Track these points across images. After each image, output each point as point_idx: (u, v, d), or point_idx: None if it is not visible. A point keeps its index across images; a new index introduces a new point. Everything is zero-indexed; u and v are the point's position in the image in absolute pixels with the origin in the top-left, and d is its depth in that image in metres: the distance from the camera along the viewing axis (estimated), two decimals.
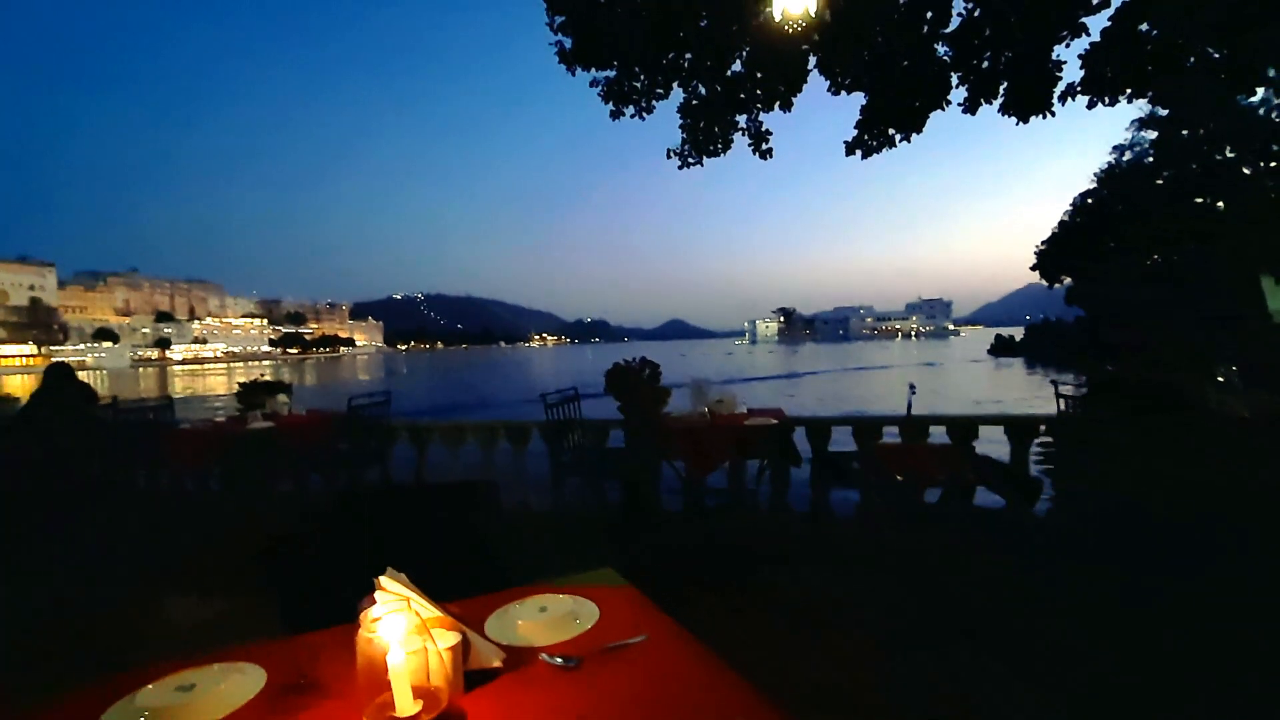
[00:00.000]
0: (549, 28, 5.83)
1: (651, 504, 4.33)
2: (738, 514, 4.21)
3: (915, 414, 3.87)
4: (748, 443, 3.61)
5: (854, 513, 4.05)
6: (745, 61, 6.19)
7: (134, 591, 3.38)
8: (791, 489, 4.32)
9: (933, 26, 5.77)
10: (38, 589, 3.44)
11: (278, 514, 4.39)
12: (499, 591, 1.23)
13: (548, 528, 4.06)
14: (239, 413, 4.76)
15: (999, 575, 2.98)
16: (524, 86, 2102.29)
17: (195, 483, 5.14)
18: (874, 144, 6.57)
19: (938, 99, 6.07)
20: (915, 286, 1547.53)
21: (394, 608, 0.82)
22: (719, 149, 6.70)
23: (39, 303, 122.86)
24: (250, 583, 3.18)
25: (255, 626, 2.70)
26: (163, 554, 3.98)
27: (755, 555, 3.44)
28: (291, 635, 1.37)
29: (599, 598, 1.15)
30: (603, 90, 6.23)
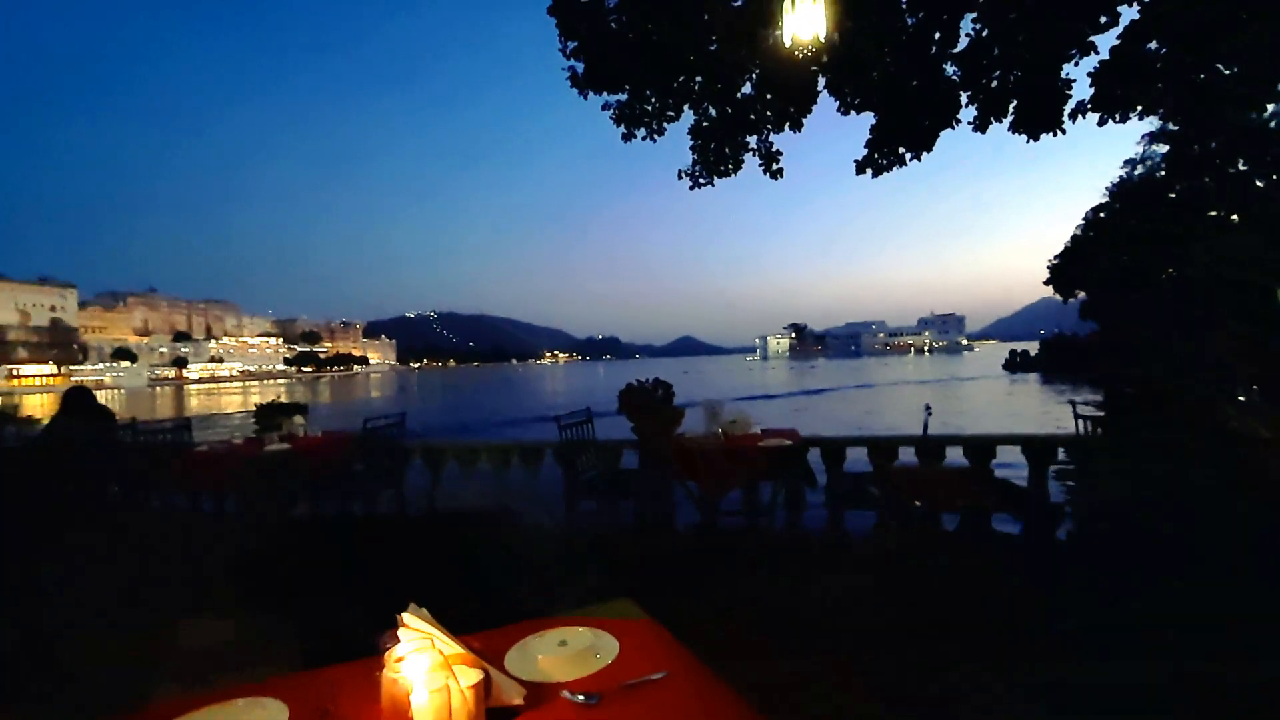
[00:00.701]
0: (561, 53, 5.93)
1: (665, 526, 4.31)
2: (752, 536, 4.17)
3: (931, 434, 3.84)
4: (762, 464, 3.59)
5: (870, 534, 4.00)
6: (755, 84, 6.26)
7: (150, 615, 3.39)
8: (807, 511, 4.28)
9: (941, 47, 5.81)
10: (52, 613, 3.47)
11: (294, 538, 4.40)
12: (517, 623, 1.23)
13: (562, 550, 4.04)
14: (256, 434, 4.80)
15: (1017, 604, 2.93)
16: (537, 107, 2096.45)
17: (213, 505, 5.18)
18: (884, 163, 6.60)
19: (947, 118, 6.10)
20: (927, 302, 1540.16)
21: (417, 646, 0.82)
22: (729, 170, 6.76)
23: (59, 323, 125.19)
24: (267, 609, 3.19)
25: (273, 655, 2.71)
26: (178, 577, 4.00)
27: (770, 579, 3.40)
28: (311, 668, 1.38)
29: (618, 631, 1.14)
30: (614, 113, 6.31)
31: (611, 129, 6.45)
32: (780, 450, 3.53)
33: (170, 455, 4.52)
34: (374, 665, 1.06)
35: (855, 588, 3.26)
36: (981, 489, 3.27)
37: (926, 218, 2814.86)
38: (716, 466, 3.60)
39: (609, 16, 5.69)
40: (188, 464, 4.27)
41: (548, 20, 5.88)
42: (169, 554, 4.64)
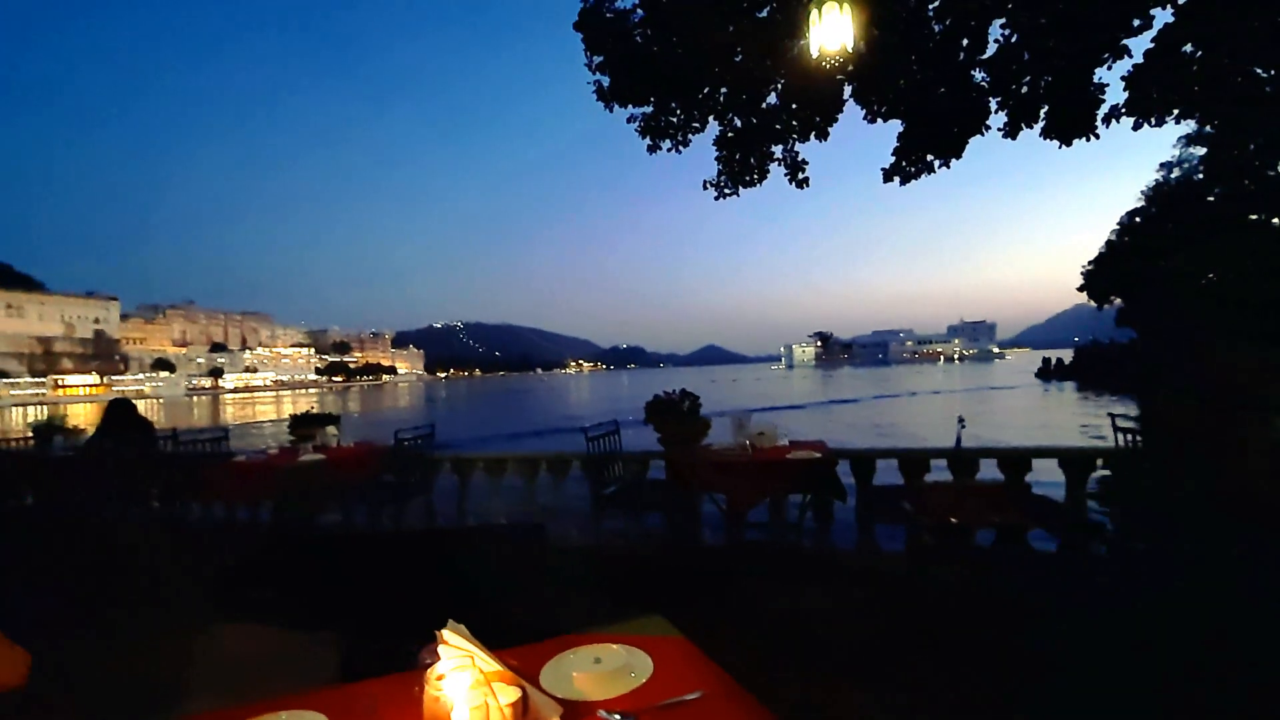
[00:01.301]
0: (587, 68, 6.01)
1: (692, 539, 4.29)
2: (780, 550, 4.13)
3: (964, 447, 3.77)
4: (790, 477, 3.56)
5: (902, 550, 3.93)
6: (780, 94, 6.26)
7: (186, 622, 3.47)
8: (836, 524, 4.23)
9: (969, 54, 5.76)
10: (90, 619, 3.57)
11: (328, 548, 4.48)
12: (551, 639, 1.24)
13: (589, 562, 4.05)
14: (290, 444, 4.91)
15: (1053, 625, 2.84)
16: (562, 120, 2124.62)
17: (248, 514, 5.31)
18: (912, 170, 6.54)
19: (977, 125, 6.03)
20: (956, 309, 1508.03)
21: (458, 664, 0.83)
22: (755, 179, 6.76)
23: (102, 335, 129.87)
24: (303, 619, 3.24)
25: (311, 666, 2.75)
26: (217, 585, 4.10)
27: (800, 595, 3.36)
28: (350, 680, 1.40)
29: (652, 649, 1.14)
30: (640, 125, 6.37)
31: (636, 140, 6.51)
32: (808, 463, 3.49)
33: (208, 465, 4.64)
34: (413, 680, 1.07)
35: (888, 605, 3.20)
36: (1016, 504, 3.19)
37: (956, 224, 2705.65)
38: (744, 479, 3.57)
39: (634, 32, 5.76)
40: (225, 474, 4.38)
41: (572, 34, 5.97)
42: (204, 562, 4.76)
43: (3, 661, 0.65)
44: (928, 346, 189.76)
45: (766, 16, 5.56)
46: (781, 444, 3.87)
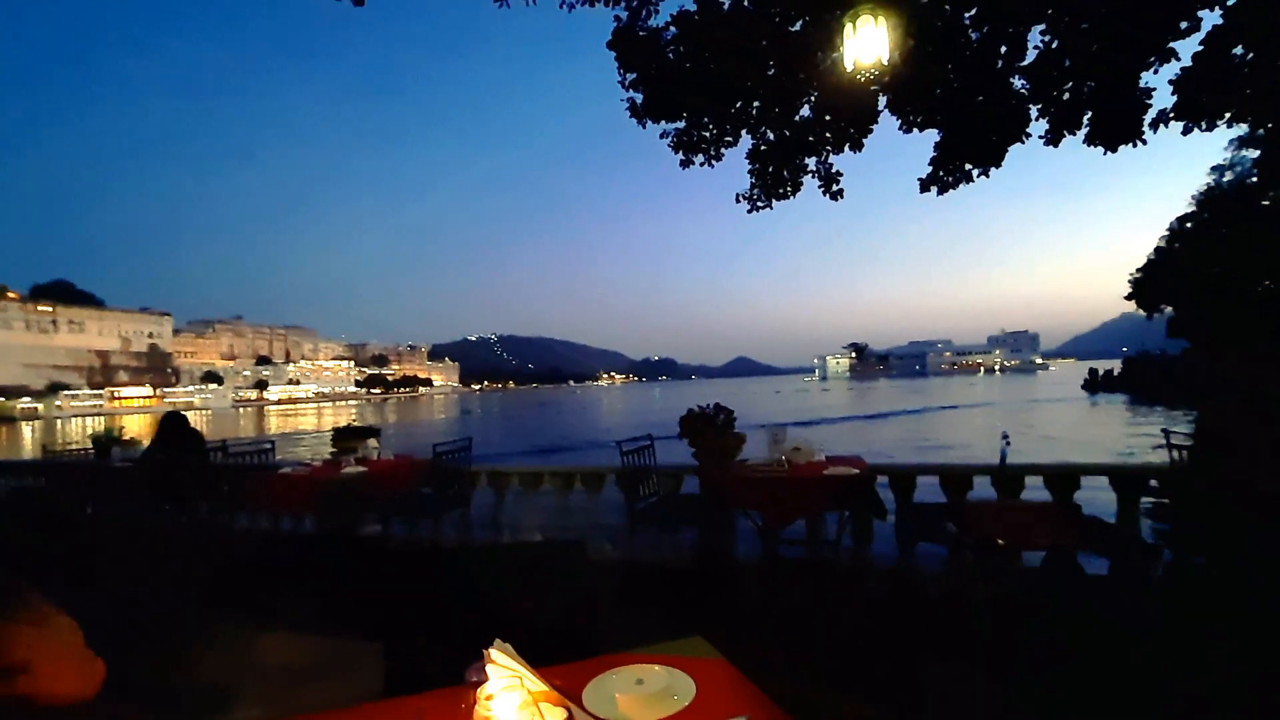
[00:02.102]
0: (620, 85, 6.08)
1: (727, 555, 4.25)
2: (817, 568, 4.06)
3: (1010, 463, 3.66)
4: (827, 493, 3.51)
5: (944, 570, 3.82)
6: (813, 106, 6.24)
7: (235, 633, 3.58)
8: (874, 542, 4.14)
9: (1008, 61, 5.66)
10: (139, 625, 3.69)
11: (369, 559, 4.57)
12: (592, 659, 1.25)
13: (624, 577, 4.04)
14: (333, 456, 5.05)
15: (1106, 652, 2.73)
16: (593, 135, 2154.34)
17: (293, 524, 5.46)
18: (950, 180, 6.44)
19: (1017, 133, 5.90)
20: (997, 319, 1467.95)
21: (507, 684, 0.85)
22: (788, 192, 6.73)
23: (156, 349, 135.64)
24: (345, 631, 3.31)
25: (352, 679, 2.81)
26: (259, 592, 4.21)
27: (839, 615, 3.30)
28: (394, 695, 1.43)
29: (694, 671, 1.14)
30: (672, 140, 6.41)
31: (666, 154, 6.56)
32: (846, 479, 3.44)
33: (255, 477, 4.79)
34: (458, 696, 1.09)
35: (930, 628, 3.12)
36: (1065, 524, 3.08)
37: (996, 233, 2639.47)
38: (779, 495, 3.53)
39: (667, 49, 5.82)
40: (271, 486, 4.52)
41: (605, 56, 6.05)
42: (250, 571, 4.89)
43: (82, 672, 0.68)
44: (967, 358, 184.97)
45: (799, 30, 5.56)
46: (818, 459, 3.82)
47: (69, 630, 0.67)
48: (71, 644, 0.66)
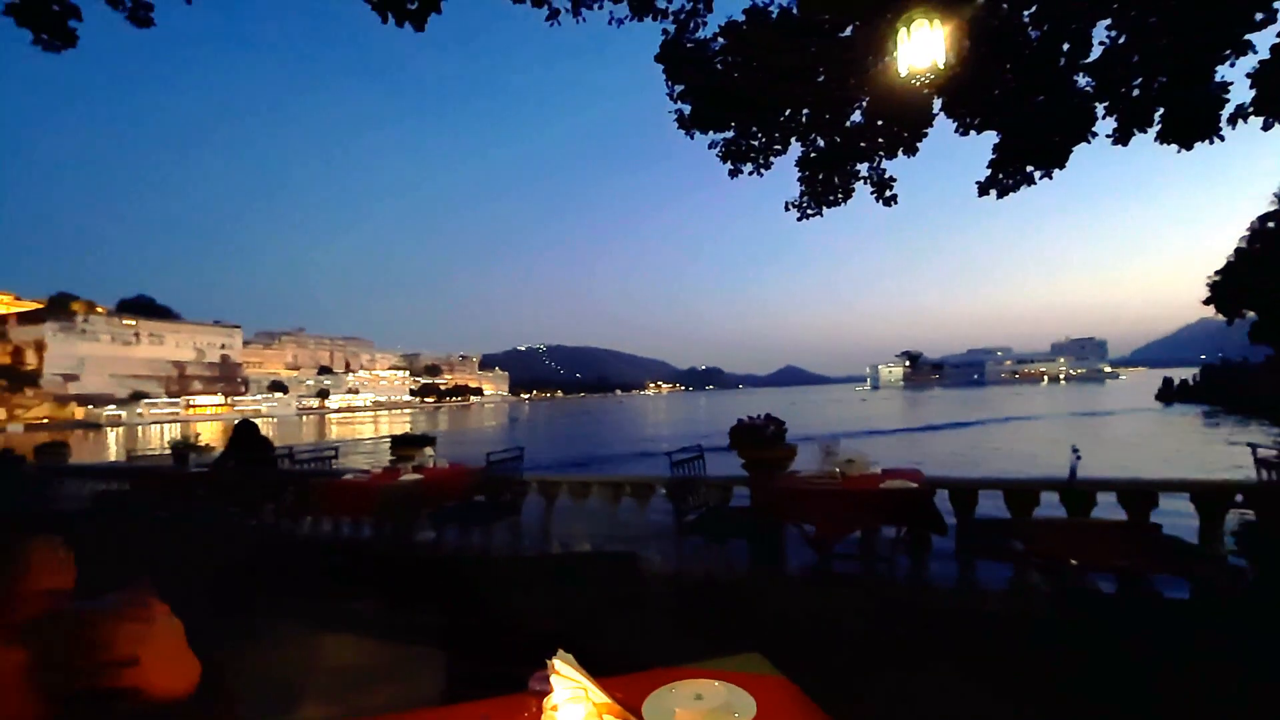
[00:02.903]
0: (669, 97, 6.12)
1: (778, 569, 4.18)
2: (872, 585, 3.95)
3: (1079, 478, 3.48)
4: (883, 507, 3.41)
5: (1008, 591, 3.66)
6: (865, 111, 6.14)
7: (295, 632, 3.71)
8: (933, 559, 4.00)
9: (1071, 58, 5.44)
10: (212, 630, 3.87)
11: (427, 568, 4.71)
12: (651, 671, 1.25)
13: (674, 589, 4.02)
14: (391, 464, 5.21)
15: (1184, 684, 2.55)
16: (640, 142, 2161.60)
17: (353, 529, 5.66)
18: (1010, 182, 6.22)
19: (1082, 132, 5.66)
20: (1061, 325, 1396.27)
21: (572, 695, 0.86)
22: (839, 199, 6.64)
23: (227, 359, 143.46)
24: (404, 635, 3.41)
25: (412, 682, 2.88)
26: (323, 596, 4.37)
27: (897, 635, 3.20)
28: (453, 700, 1.46)
29: (754, 688, 1.12)
30: (720, 151, 6.41)
31: (710, 162, 6.57)
32: (904, 493, 3.33)
33: (319, 483, 4.99)
34: (520, 704, 1.11)
35: (996, 651, 2.99)
36: (1142, 545, 2.89)
37: (1059, 236, 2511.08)
38: (833, 509, 3.46)
39: (715, 60, 5.83)
40: (334, 492, 4.70)
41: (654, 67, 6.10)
42: (314, 574, 5.09)
43: (183, 670, 0.71)
44: (1028, 366, 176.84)
45: (849, 36, 5.49)
46: (873, 472, 3.73)
47: (175, 630, 0.71)
48: (176, 643, 0.70)
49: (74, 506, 7.21)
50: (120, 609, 0.66)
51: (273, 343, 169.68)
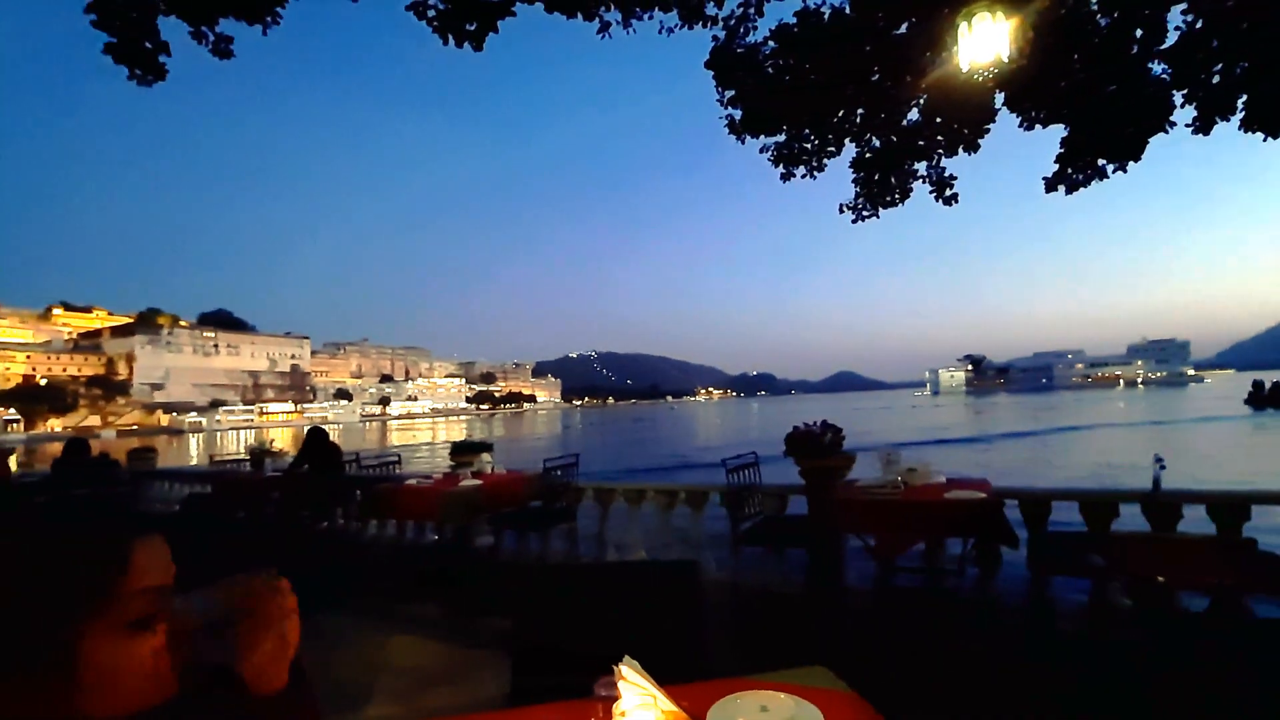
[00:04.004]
0: (719, 103, 6.11)
1: (836, 580, 4.09)
2: (938, 599, 3.81)
3: (1164, 489, 3.27)
4: (949, 518, 3.28)
5: (1085, 609, 3.47)
6: (922, 109, 5.98)
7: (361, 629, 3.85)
8: (1002, 574, 3.83)
9: (1144, 45, 5.16)
10: None
11: (488, 573, 4.83)
12: (712, 681, 1.24)
13: (729, 598, 3.99)
14: (451, 470, 5.37)
15: None
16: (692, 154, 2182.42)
17: (416, 532, 5.84)
18: (1080, 178, 5.95)
19: (1158, 122, 5.35)
20: (1137, 326, 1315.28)
21: (641, 702, 0.86)
22: (896, 199, 6.48)
23: (297, 369, 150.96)
24: (470, 639, 3.50)
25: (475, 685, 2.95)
26: (387, 596, 4.53)
27: (967, 651, 3.08)
28: (517, 705, 1.49)
29: (821, 702, 1.11)
30: (772, 154, 6.35)
31: (760, 165, 6.51)
32: (971, 503, 3.20)
33: (384, 488, 5.18)
34: (586, 709, 1.12)
35: (1075, 672, 2.83)
36: (1235, 561, 2.69)
37: (1134, 233, 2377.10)
38: (895, 519, 3.36)
39: (765, 63, 5.79)
40: (398, 496, 4.86)
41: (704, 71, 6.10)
42: (382, 576, 5.28)
43: (278, 663, 0.74)
44: (1102, 370, 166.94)
45: (905, 33, 5.36)
46: (937, 481, 3.60)
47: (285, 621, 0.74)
48: (282, 634, 0.73)
49: (164, 509, 7.71)
50: (248, 596, 0.70)
51: (338, 352, 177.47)
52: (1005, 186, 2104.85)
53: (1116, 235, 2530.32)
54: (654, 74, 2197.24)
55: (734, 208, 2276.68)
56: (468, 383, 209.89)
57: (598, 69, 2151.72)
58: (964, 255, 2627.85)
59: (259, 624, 0.69)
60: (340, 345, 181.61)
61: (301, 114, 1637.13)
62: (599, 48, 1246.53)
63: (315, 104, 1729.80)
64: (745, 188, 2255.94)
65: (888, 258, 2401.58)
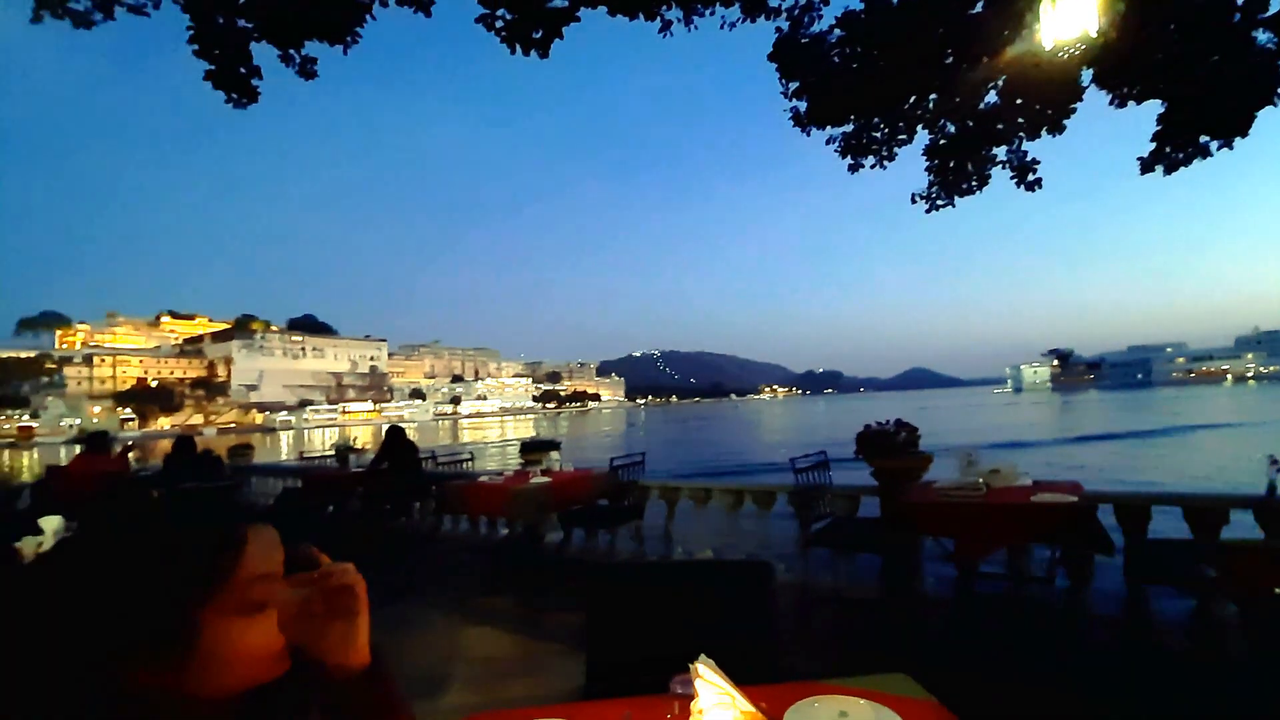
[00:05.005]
0: (783, 95, 6.00)
1: (910, 585, 3.95)
2: (1024, 608, 3.62)
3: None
4: (1036, 523, 3.10)
5: (1190, 623, 3.21)
6: (1001, 91, 5.68)
7: (440, 621, 4.00)
8: (1095, 583, 3.59)
9: (1248, 12, 4.71)
10: None
11: (558, 569, 4.94)
12: (788, 683, 1.23)
13: (799, 601, 3.92)
14: (521, 467, 5.51)
15: None
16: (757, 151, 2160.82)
17: (488, 527, 6.04)
18: (1180, 156, 5.50)
19: (1265, 94, 4.87)
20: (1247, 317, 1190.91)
21: (719, 700, 0.87)
22: (974, 187, 6.19)
23: (375, 370, 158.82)
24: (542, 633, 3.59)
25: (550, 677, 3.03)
26: (464, 588, 4.70)
27: (1059, 665, 2.91)
28: (591, 697, 1.52)
29: (903, 710, 1.07)
30: (840, 145, 6.19)
31: (830, 158, 6.34)
32: (1061, 507, 3.01)
33: (458, 483, 5.37)
34: (661, 705, 1.13)
35: (1175, 693, 2.63)
36: None
37: (1243, 212, 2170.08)
38: (977, 523, 3.20)
39: (831, 53, 5.64)
40: (471, 492, 5.04)
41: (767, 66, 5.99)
42: (455, 567, 5.49)
43: (356, 645, 0.76)
44: (1206, 364, 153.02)
45: (981, 12, 5.11)
46: (1023, 483, 3.41)
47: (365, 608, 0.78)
48: (364, 620, 0.77)
49: (262, 501, 8.28)
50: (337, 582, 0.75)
51: (413, 354, 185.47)
52: (1093, 169, 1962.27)
53: (1221, 216, 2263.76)
54: (713, 73, 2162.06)
55: (800, 203, 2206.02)
56: (534, 382, 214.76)
57: (655, 70, 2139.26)
58: (1046, 244, 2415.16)
59: (337, 608, 0.73)
60: (415, 347, 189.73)
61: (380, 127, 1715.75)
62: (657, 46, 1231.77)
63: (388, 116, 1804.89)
64: (810, 183, 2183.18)
65: (962, 249, 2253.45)
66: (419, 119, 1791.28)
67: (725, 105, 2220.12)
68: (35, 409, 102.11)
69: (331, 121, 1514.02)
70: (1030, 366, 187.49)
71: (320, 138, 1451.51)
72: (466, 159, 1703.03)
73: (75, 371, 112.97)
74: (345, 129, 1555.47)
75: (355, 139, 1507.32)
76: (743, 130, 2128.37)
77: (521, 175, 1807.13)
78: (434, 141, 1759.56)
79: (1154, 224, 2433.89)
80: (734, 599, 1.63)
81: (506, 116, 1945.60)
